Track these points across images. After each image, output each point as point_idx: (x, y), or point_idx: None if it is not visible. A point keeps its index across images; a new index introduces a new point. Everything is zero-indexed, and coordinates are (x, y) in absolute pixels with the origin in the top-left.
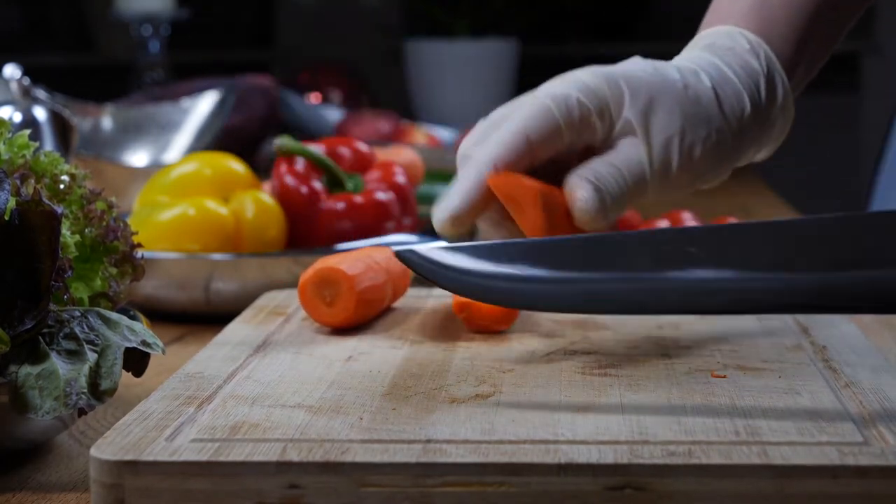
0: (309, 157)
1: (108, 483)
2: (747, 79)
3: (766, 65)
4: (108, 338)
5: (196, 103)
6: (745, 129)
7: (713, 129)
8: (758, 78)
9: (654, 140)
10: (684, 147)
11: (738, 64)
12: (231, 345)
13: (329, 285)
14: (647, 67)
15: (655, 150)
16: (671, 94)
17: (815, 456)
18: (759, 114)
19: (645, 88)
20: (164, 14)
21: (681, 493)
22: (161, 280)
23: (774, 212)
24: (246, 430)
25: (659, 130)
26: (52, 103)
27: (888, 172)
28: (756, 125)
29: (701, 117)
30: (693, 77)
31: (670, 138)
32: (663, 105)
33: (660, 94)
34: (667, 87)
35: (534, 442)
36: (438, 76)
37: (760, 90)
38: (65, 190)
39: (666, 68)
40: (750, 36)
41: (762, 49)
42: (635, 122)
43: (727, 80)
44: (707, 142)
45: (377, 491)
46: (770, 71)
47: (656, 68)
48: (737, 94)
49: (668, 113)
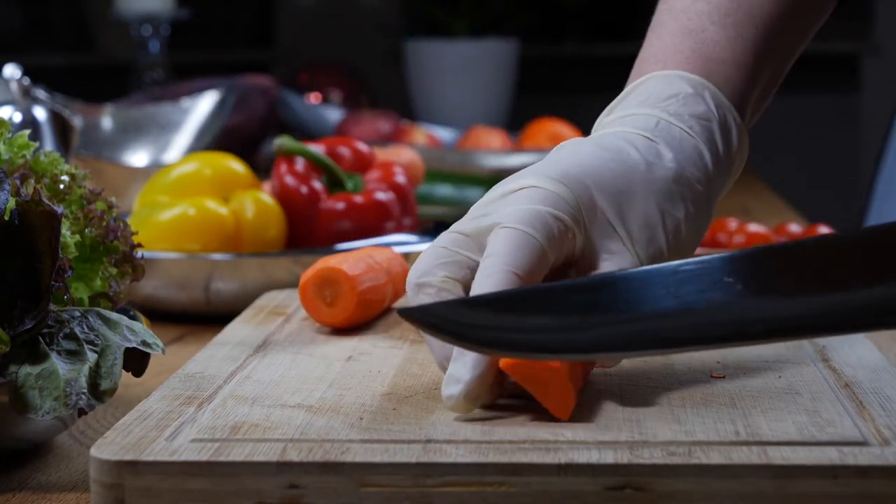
0: (309, 157)
1: (108, 483)
2: (700, 129)
3: (713, 105)
4: (108, 338)
5: (196, 103)
6: (712, 182)
7: (689, 202)
8: (710, 124)
9: (637, 237)
10: (669, 233)
11: (687, 113)
12: (231, 345)
13: (330, 285)
14: (602, 155)
15: (641, 246)
16: (639, 181)
17: (814, 456)
18: (720, 162)
19: (610, 182)
20: (164, 14)
21: (681, 493)
22: (161, 280)
23: (774, 212)
24: (246, 430)
25: (641, 226)
26: (52, 103)
27: (888, 172)
28: (717, 172)
29: (674, 195)
30: (651, 152)
31: (654, 230)
32: (636, 197)
33: (629, 186)
34: (632, 175)
35: (534, 442)
36: (438, 76)
37: (716, 137)
38: (65, 190)
39: (623, 151)
40: (690, 77)
41: (706, 90)
42: (614, 222)
43: (683, 138)
44: (688, 217)
45: (377, 491)
46: (720, 112)
47: (613, 153)
48: (697, 152)
49: (644, 203)
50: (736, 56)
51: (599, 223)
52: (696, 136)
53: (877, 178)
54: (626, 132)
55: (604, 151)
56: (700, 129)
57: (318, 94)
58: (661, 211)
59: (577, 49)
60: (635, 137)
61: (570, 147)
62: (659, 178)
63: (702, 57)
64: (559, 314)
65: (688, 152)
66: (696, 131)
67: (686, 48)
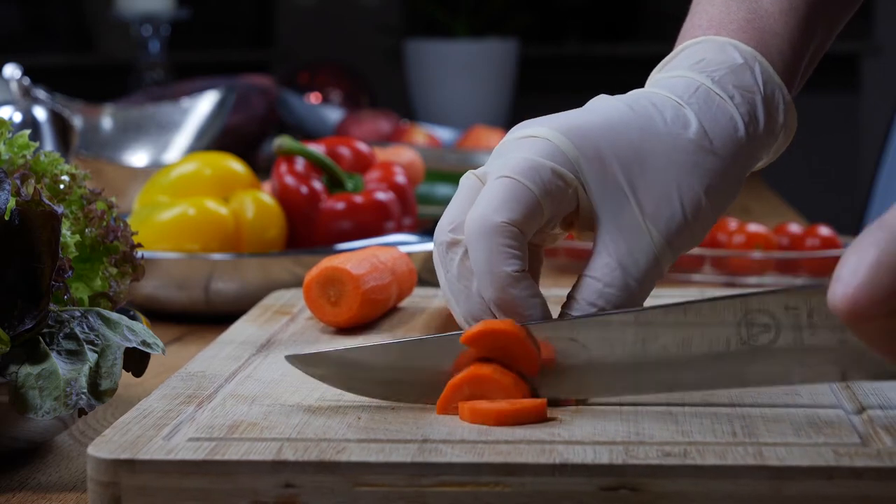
0: (309, 157)
1: (104, 481)
2: (742, 100)
3: (762, 81)
4: (108, 338)
5: (196, 103)
6: (745, 155)
7: (713, 174)
8: (754, 97)
9: (650, 211)
10: (686, 207)
11: (732, 83)
12: (234, 344)
13: (334, 285)
14: (627, 116)
15: (654, 221)
16: (660, 150)
17: (810, 457)
18: (758, 135)
19: (626, 145)
20: (164, 14)
21: (676, 493)
22: (161, 280)
23: (774, 212)
24: (243, 430)
25: (656, 199)
26: (52, 103)
27: (888, 172)
28: (754, 146)
29: (697, 167)
30: (679, 121)
31: (671, 204)
32: (654, 166)
33: (648, 154)
34: (653, 142)
35: (529, 442)
36: (438, 76)
37: (758, 111)
38: (65, 190)
39: (650, 117)
40: (743, 48)
41: (757, 63)
42: (626, 189)
43: (720, 108)
44: (710, 191)
45: (372, 490)
46: (768, 87)
47: (639, 117)
48: (732, 123)
49: (663, 174)
50: (789, 28)
51: (610, 187)
52: (737, 106)
53: (877, 178)
54: (660, 95)
55: (630, 114)
56: (741, 100)
57: (318, 94)
58: (678, 184)
59: (577, 49)
60: (666, 103)
61: (598, 103)
62: (681, 149)
63: (756, 28)
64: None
65: (721, 123)
66: (736, 101)
67: (740, 17)
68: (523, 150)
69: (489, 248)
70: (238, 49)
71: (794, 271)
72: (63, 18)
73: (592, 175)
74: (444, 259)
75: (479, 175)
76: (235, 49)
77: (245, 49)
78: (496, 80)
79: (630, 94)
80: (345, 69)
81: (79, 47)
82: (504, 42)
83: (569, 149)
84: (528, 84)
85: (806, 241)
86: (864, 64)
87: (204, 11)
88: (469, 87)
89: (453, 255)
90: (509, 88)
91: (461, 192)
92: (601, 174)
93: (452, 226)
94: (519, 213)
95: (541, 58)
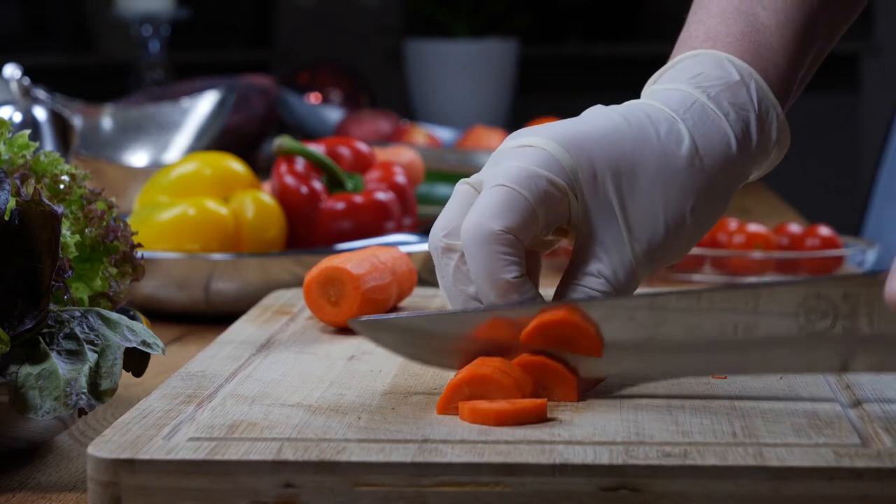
0: (309, 157)
1: (104, 481)
2: (736, 118)
3: (756, 98)
4: (108, 338)
5: (196, 103)
6: (735, 172)
7: (700, 192)
8: (748, 114)
9: (636, 230)
10: (670, 225)
11: (727, 99)
12: (235, 343)
13: (334, 284)
14: (621, 130)
15: (638, 240)
16: (650, 166)
17: (810, 458)
18: (750, 152)
19: (618, 159)
20: (164, 14)
21: (676, 494)
22: (161, 280)
23: (774, 212)
24: (243, 430)
25: (642, 217)
26: (52, 103)
27: (888, 172)
28: (745, 163)
29: (685, 185)
30: (672, 137)
31: (655, 221)
32: (644, 182)
33: (638, 169)
34: (645, 157)
35: (529, 442)
36: (438, 76)
37: (751, 128)
38: (65, 190)
39: (644, 130)
40: (739, 64)
41: (753, 80)
42: (614, 203)
43: (713, 124)
44: (696, 208)
45: (372, 490)
46: (762, 105)
47: (633, 130)
48: (725, 140)
49: (650, 190)
50: (785, 41)
51: (601, 198)
52: (731, 124)
53: (877, 179)
54: (656, 107)
55: (625, 125)
56: (736, 118)
57: (318, 94)
58: (665, 202)
59: (577, 49)
60: (661, 116)
61: (593, 113)
62: (671, 166)
63: (752, 42)
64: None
65: (714, 140)
66: (731, 119)
67: (736, 30)
68: (519, 159)
69: (487, 255)
70: (238, 49)
71: (794, 271)
72: (63, 18)
73: (584, 185)
74: (440, 264)
75: (474, 183)
76: (235, 49)
77: (245, 49)
78: (496, 80)
79: (626, 104)
80: (345, 69)
81: (79, 47)
82: (504, 42)
83: (564, 158)
84: (528, 84)
85: (806, 241)
86: (864, 64)
87: (204, 11)
88: (469, 87)
89: (448, 261)
90: (509, 88)
91: (455, 198)
92: (592, 185)
93: (446, 231)
94: (514, 220)
95: (541, 58)
